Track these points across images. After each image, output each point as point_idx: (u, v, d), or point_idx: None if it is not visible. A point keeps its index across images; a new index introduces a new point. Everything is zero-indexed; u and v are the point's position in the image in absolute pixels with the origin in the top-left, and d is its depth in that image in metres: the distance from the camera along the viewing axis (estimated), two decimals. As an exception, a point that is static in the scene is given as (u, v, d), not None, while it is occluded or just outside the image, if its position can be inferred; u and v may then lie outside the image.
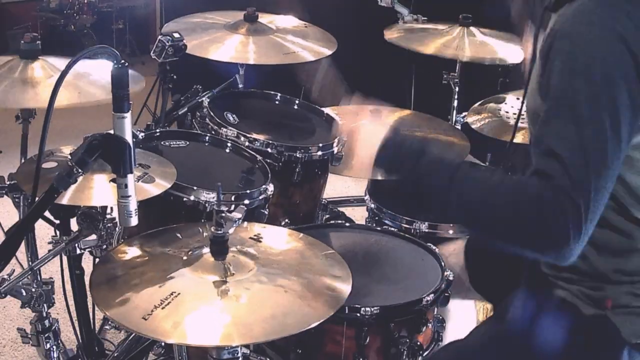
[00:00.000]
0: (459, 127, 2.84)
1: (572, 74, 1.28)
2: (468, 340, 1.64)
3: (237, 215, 1.45)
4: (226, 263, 1.46)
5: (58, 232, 1.95)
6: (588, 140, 1.24)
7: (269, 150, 2.17)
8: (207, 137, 2.23)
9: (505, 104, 2.66)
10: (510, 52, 2.75)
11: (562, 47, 1.31)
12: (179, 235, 1.64)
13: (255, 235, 1.64)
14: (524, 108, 1.57)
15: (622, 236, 1.43)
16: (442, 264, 1.88)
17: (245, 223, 1.68)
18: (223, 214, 1.44)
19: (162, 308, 1.33)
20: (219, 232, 1.45)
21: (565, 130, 1.26)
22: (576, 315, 1.46)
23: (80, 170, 1.31)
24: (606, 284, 1.45)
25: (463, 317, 2.14)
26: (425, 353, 1.78)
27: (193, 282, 1.43)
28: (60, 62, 2.04)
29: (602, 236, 1.39)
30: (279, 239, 1.69)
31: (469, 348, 1.62)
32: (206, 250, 1.49)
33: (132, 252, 1.56)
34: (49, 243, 1.96)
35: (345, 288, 1.48)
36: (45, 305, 1.79)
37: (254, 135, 2.20)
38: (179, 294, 1.37)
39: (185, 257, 1.50)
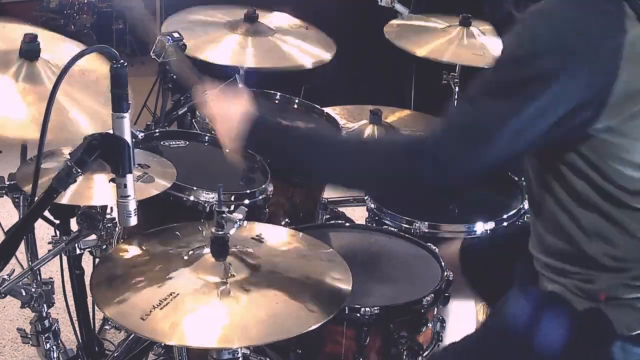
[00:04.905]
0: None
1: (513, 60, 1.34)
2: (464, 342, 1.64)
3: (238, 216, 1.45)
4: (226, 264, 1.45)
5: (58, 232, 1.95)
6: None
7: (269, 150, 2.16)
8: (207, 137, 2.23)
9: (505, 103, 2.65)
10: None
11: (514, 31, 1.36)
12: (178, 234, 1.63)
13: (256, 236, 1.63)
14: None
15: (610, 222, 1.41)
16: (442, 264, 1.88)
17: (246, 223, 1.68)
18: (224, 215, 1.44)
19: (161, 308, 1.32)
20: (220, 232, 1.44)
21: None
22: (569, 309, 1.46)
23: (79, 170, 1.31)
24: (597, 271, 1.44)
25: (463, 317, 2.13)
26: (426, 353, 1.78)
27: (192, 283, 1.41)
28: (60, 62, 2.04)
29: (592, 221, 1.40)
30: (279, 240, 1.68)
31: (465, 349, 1.62)
32: (207, 250, 1.48)
33: (132, 251, 1.56)
34: (49, 243, 1.96)
35: (345, 290, 1.47)
36: (45, 305, 1.79)
37: (254, 135, 2.19)
38: (177, 294, 1.36)
39: (185, 257, 1.50)
